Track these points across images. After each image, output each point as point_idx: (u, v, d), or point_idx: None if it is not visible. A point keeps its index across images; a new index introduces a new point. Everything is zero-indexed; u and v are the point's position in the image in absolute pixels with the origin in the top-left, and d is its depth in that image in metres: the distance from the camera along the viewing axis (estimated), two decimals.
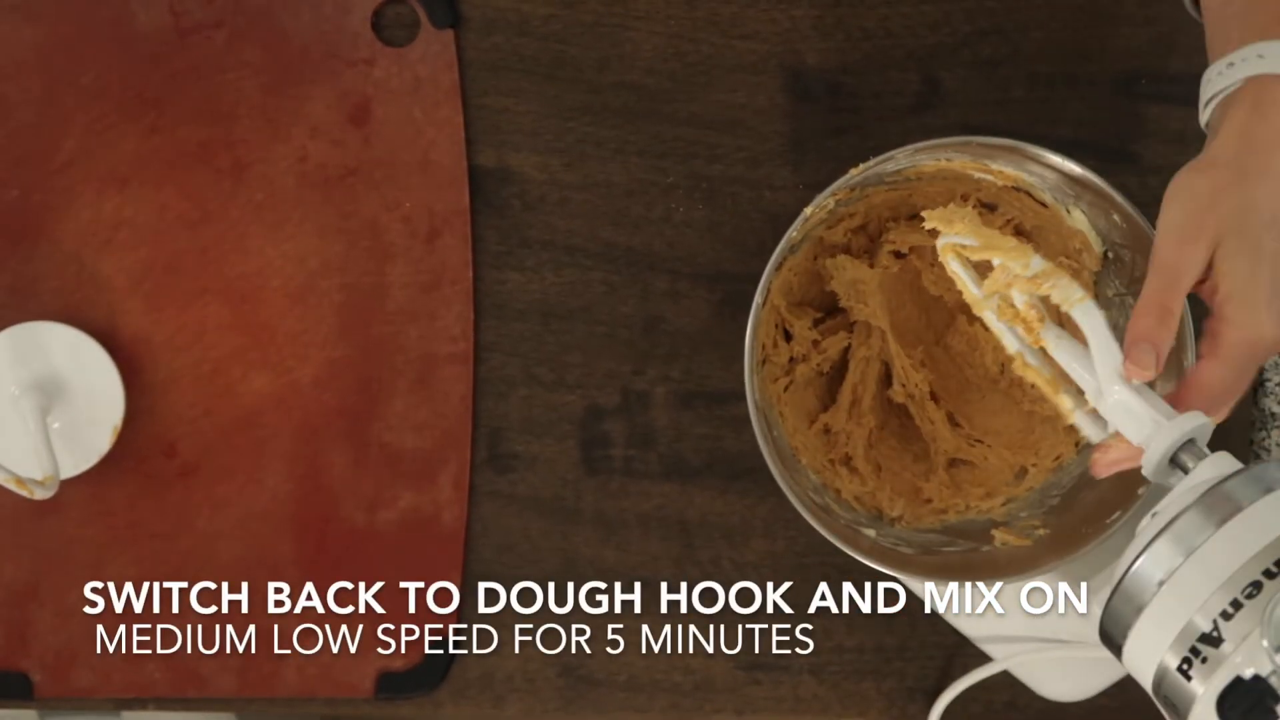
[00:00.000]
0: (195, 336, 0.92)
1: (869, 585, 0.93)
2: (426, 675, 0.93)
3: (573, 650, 0.93)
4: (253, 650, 0.92)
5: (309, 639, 0.92)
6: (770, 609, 0.93)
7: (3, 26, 0.92)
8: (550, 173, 0.93)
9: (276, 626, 0.92)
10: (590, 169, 0.93)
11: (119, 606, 0.92)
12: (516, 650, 0.93)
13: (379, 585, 0.92)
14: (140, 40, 0.92)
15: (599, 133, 0.93)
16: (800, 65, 0.93)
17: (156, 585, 0.92)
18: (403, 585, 0.92)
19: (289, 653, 0.92)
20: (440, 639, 0.92)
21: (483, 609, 0.93)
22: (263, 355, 0.93)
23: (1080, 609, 0.83)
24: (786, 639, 0.93)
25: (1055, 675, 0.91)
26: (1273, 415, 0.93)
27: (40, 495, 0.86)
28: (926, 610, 0.93)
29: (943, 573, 0.84)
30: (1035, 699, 0.93)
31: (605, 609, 0.93)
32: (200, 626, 0.92)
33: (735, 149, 0.93)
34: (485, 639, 0.93)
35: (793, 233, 0.80)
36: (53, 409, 0.90)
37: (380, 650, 0.92)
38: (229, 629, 0.92)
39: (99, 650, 0.92)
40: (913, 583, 0.91)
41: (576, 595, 0.93)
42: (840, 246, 0.89)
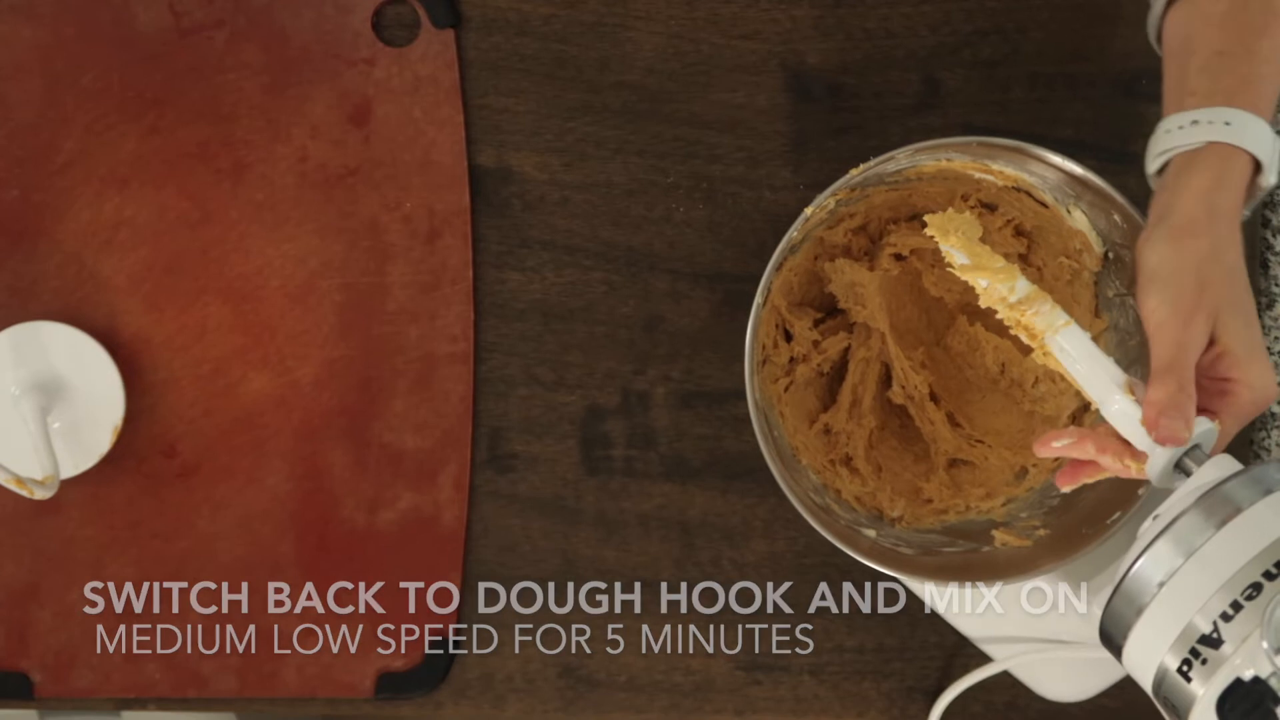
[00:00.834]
0: (195, 336, 0.92)
1: (869, 585, 0.93)
2: (426, 675, 0.93)
3: (573, 650, 0.93)
4: (253, 650, 0.92)
5: (309, 639, 0.92)
6: (770, 609, 0.93)
7: (3, 26, 0.92)
8: (550, 173, 0.93)
9: (276, 626, 0.92)
10: (590, 169, 0.93)
11: (119, 606, 0.92)
12: (516, 650, 0.93)
13: (379, 585, 0.92)
14: (140, 40, 0.92)
15: (599, 133, 0.93)
16: (801, 65, 0.93)
17: (156, 585, 0.92)
18: (403, 585, 0.92)
19: (289, 653, 0.92)
20: (440, 639, 0.92)
21: (483, 609, 0.93)
22: (263, 355, 0.93)
23: (1080, 609, 0.83)
24: (786, 639, 0.93)
25: (1055, 675, 0.91)
26: (1273, 415, 0.93)
27: (40, 495, 0.86)
28: (926, 610, 0.93)
29: (943, 573, 0.84)
30: (1035, 699, 0.93)
31: (605, 609, 0.93)
32: (200, 626, 0.92)
33: (735, 149, 0.93)
34: (485, 639, 0.93)
35: (793, 233, 0.80)
36: (53, 409, 0.90)
37: (380, 650, 0.92)
38: (229, 629, 0.92)
39: (99, 650, 0.92)
40: (913, 583, 0.91)
41: (576, 595, 0.93)
42: (841, 247, 0.89)
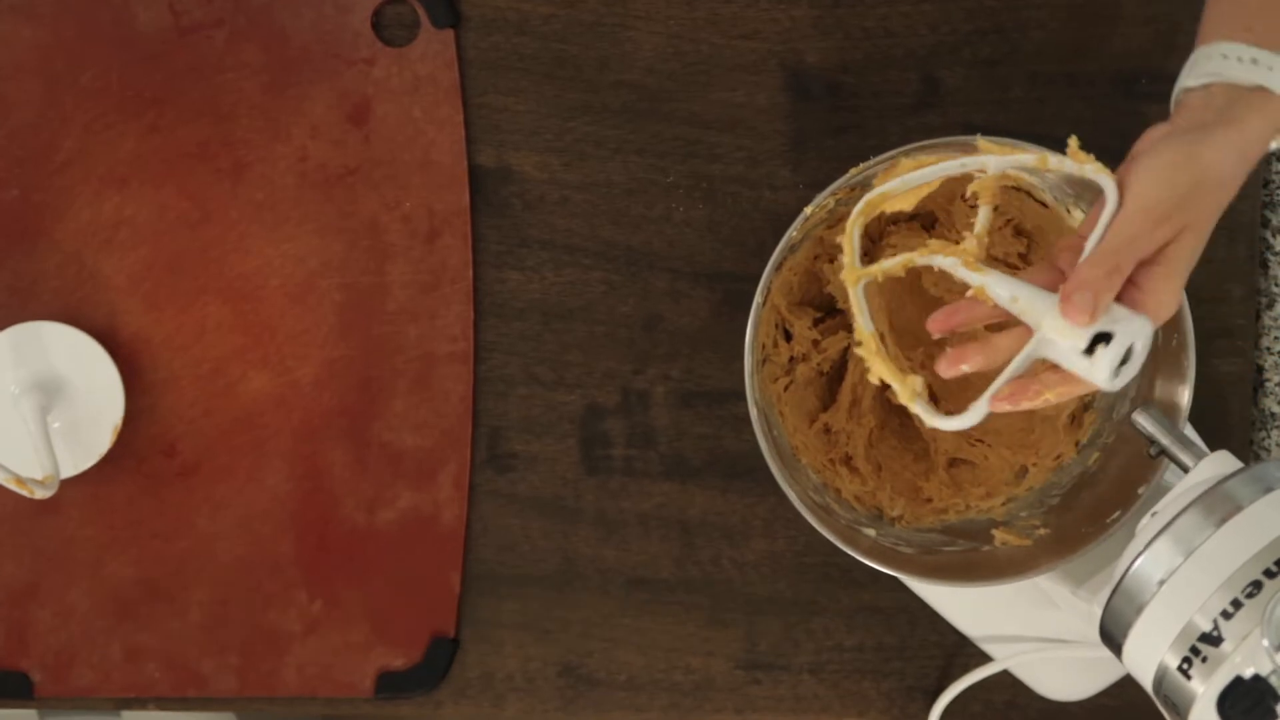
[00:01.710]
0: (195, 336, 0.92)
1: (869, 585, 0.93)
2: (426, 675, 0.93)
3: (572, 650, 0.93)
4: (253, 650, 0.92)
5: (309, 639, 0.92)
6: (770, 608, 0.93)
7: (3, 26, 0.92)
8: (550, 172, 0.93)
9: (276, 626, 0.92)
10: (590, 168, 0.93)
11: (119, 607, 0.92)
12: (516, 650, 0.93)
13: (379, 585, 0.92)
14: (140, 40, 0.92)
15: (599, 132, 0.93)
16: (800, 65, 0.93)
17: (156, 585, 0.92)
18: (402, 585, 0.92)
19: (289, 653, 0.92)
20: (440, 639, 0.92)
21: (483, 609, 0.93)
22: (263, 355, 0.93)
23: (1080, 608, 0.82)
24: (786, 638, 0.93)
25: (1055, 674, 0.91)
26: (1273, 415, 0.93)
27: (40, 495, 0.86)
28: (926, 610, 0.93)
29: (943, 572, 0.83)
30: (1035, 699, 0.93)
31: (605, 608, 0.93)
32: (200, 626, 0.92)
33: (735, 148, 0.93)
34: (485, 639, 0.93)
35: (793, 232, 0.80)
36: (53, 409, 0.90)
37: (380, 650, 0.92)
38: (229, 629, 0.92)
39: (99, 650, 0.92)
40: (913, 582, 0.91)
41: (576, 595, 0.93)
42: (841, 247, 0.88)
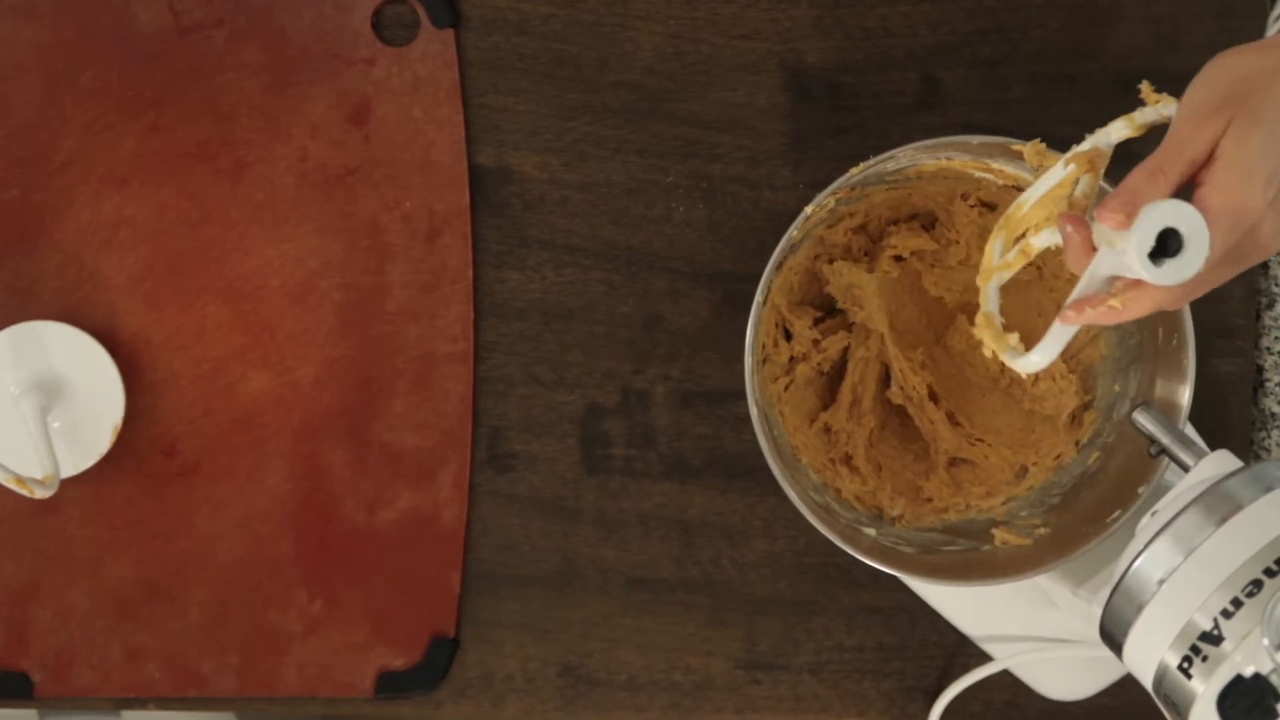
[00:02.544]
0: (195, 336, 0.92)
1: (869, 585, 0.93)
2: (426, 675, 0.93)
3: (572, 650, 0.93)
4: (253, 650, 0.92)
5: (308, 639, 0.92)
6: (770, 609, 0.93)
7: (3, 26, 0.92)
8: (550, 172, 0.93)
9: (276, 626, 0.92)
10: (590, 168, 0.93)
11: (119, 607, 0.92)
12: (516, 650, 0.93)
13: (379, 585, 0.92)
14: (140, 40, 0.92)
15: (599, 132, 0.93)
16: (800, 65, 0.93)
17: (156, 585, 0.92)
18: (402, 585, 0.92)
19: (289, 653, 0.92)
20: (440, 638, 0.92)
21: (483, 609, 0.93)
22: (263, 355, 0.93)
23: (1080, 609, 0.82)
24: (786, 638, 0.93)
25: (1055, 674, 0.91)
26: (1273, 415, 0.93)
27: (40, 494, 0.86)
28: (926, 610, 0.93)
29: (943, 572, 0.83)
30: (1035, 698, 0.93)
31: (605, 608, 0.93)
32: (200, 626, 0.92)
33: (735, 148, 0.93)
34: (485, 639, 0.93)
35: (793, 232, 0.80)
36: (53, 409, 0.90)
37: (380, 650, 0.92)
38: (229, 629, 0.92)
39: (99, 650, 0.92)
40: (913, 582, 0.91)
41: (576, 595, 0.93)
42: (841, 246, 0.89)
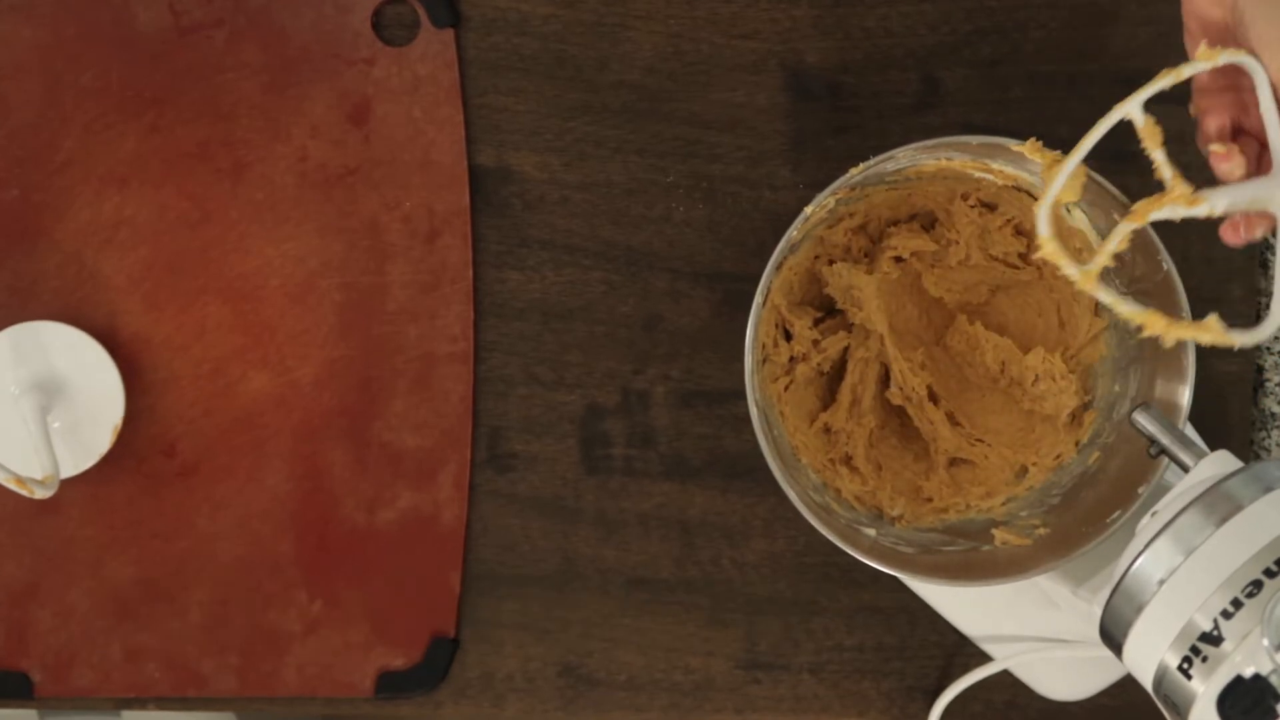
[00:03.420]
0: (195, 336, 0.92)
1: (869, 585, 0.93)
2: (426, 675, 0.93)
3: (572, 650, 0.93)
4: (253, 650, 0.92)
5: (308, 638, 0.92)
6: (770, 609, 0.93)
7: (3, 26, 0.92)
8: (550, 172, 0.93)
9: (276, 626, 0.92)
10: (590, 168, 0.93)
11: (119, 607, 0.92)
12: (516, 650, 0.93)
13: (379, 585, 0.92)
14: (140, 40, 0.92)
15: (599, 132, 0.93)
16: (800, 64, 0.93)
17: (156, 585, 0.92)
18: (402, 585, 0.92)
19: (289, 653, 0.92)
20: (440, 639, 0.92)
21: (483, 609, 0.93)
22: (263, 355, 0.93)
23: (1080, 609, 0.82)
24: (786, 638, 0.93)
25: (1055, 674, 0.91)
26: (1273, 415, 0.94)
27: (40, 495, 0.86)
28: (926, 610, 0.93)
29: (943, 572, 0.83)
30: (1035, 699, 0.93)
31: (605, 608, 0.93)
32: (200, 626, 0.92)
33: (735, 148, 0.93)
34: (485, 638, 0.93)
35: (793, 232, 0.80)
36: (53, 409, 0.90)
37: (380, 650, 0.92)
38: (229, 629, 0.92)
39: (99, 650, 0.92)
40: (913, 582, 0.91)
41: (576, 595, 0.93)
42: (841, 247, 0.89)
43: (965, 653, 0.93)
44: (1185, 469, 0.73)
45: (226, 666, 0.92)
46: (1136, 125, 0.72)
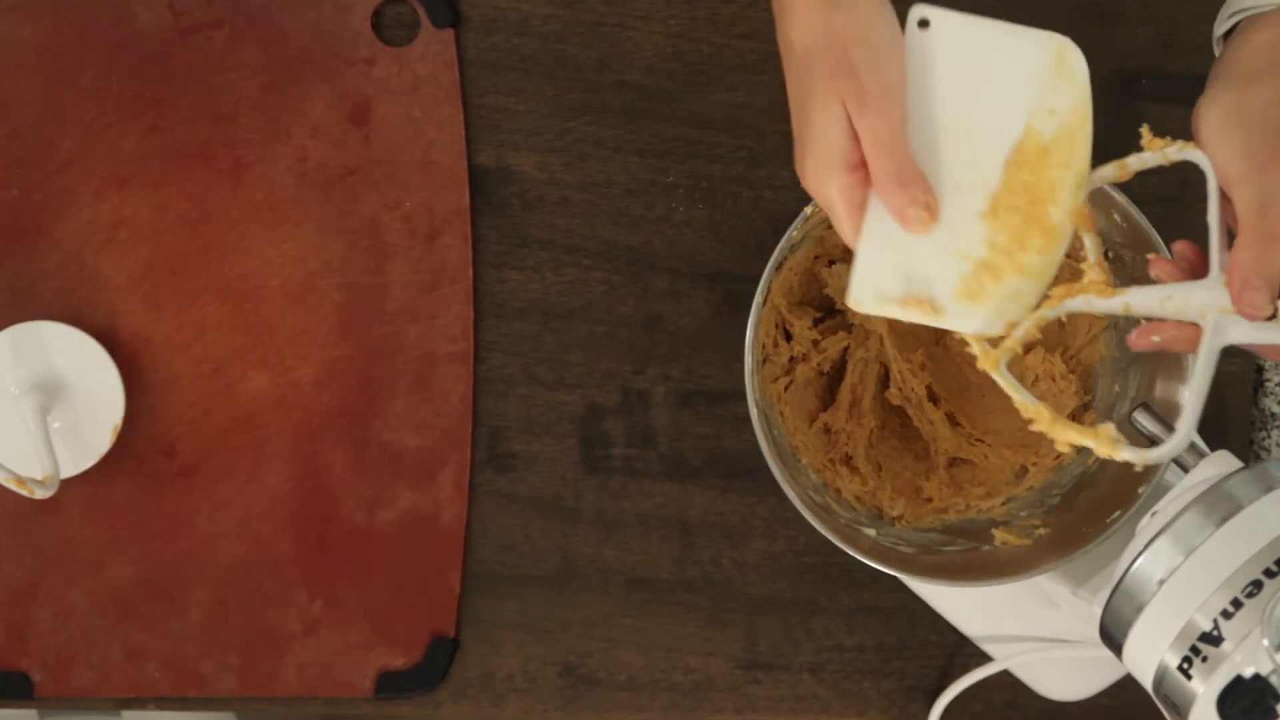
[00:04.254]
0: (195, 336, 0.92)
1: (869, 585, 0.93)
2: (426, 675, 0.93)
3: (572, 650, 0.93)
4: (253, 650, 0.92)
5: (309, 639, 0.92)
6: (770, 609, 0.93)
7: (3, 26, 0.92)
8: (550, 172, 0.93)
9: (276, 626, 0.92)
10: (590, 169, 0.93)
11: (119, 607, 0.92)
12: (516, 650, 0.93)
13: (379, 585, 0.92)
14: (140, 40, 0.92)
15: (599, 132, 0.93)
16: None
17: (156, 585, 0.92)
18: (402, 585, 0.92)
19: (289, 653, 0.92)
20: (440, 639, 0.92)
21: (483, 609, 0.93)
22: (263, 355, 0.93)
23: (1080, 609, 0.83)
24: (786, 638, 0.93)
25: (1055, 675, 0.91)
26: (1273, 415, 0.94)
27: (40, 495, 0.86)
28: (926, 610, 0.93)
29: (943, 572, 0.84)
30: (1035, 699, 0.93)
31: (605, 608, 0.93)
32: (200, 626, 0.92)
33: (735, 148, 0.93)
34: (485, 638, 0.93)
35: (793, 232, 0.80)
36: (53, 409, 0.90)
37: (380, 650, 0.92)
38: (229, 629, 0.92)
39: (99, 650, 0.92)
40: (913, 582, 0.91)
41: (576, 595, 0.93)
42: (841, 247, 0.89)
43: (965, 653, 0.93)
44: (1185, 469, 0.73)
45: (226, 666, 0.92)
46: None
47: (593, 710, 0.94)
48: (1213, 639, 0.62)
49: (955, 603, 0.92)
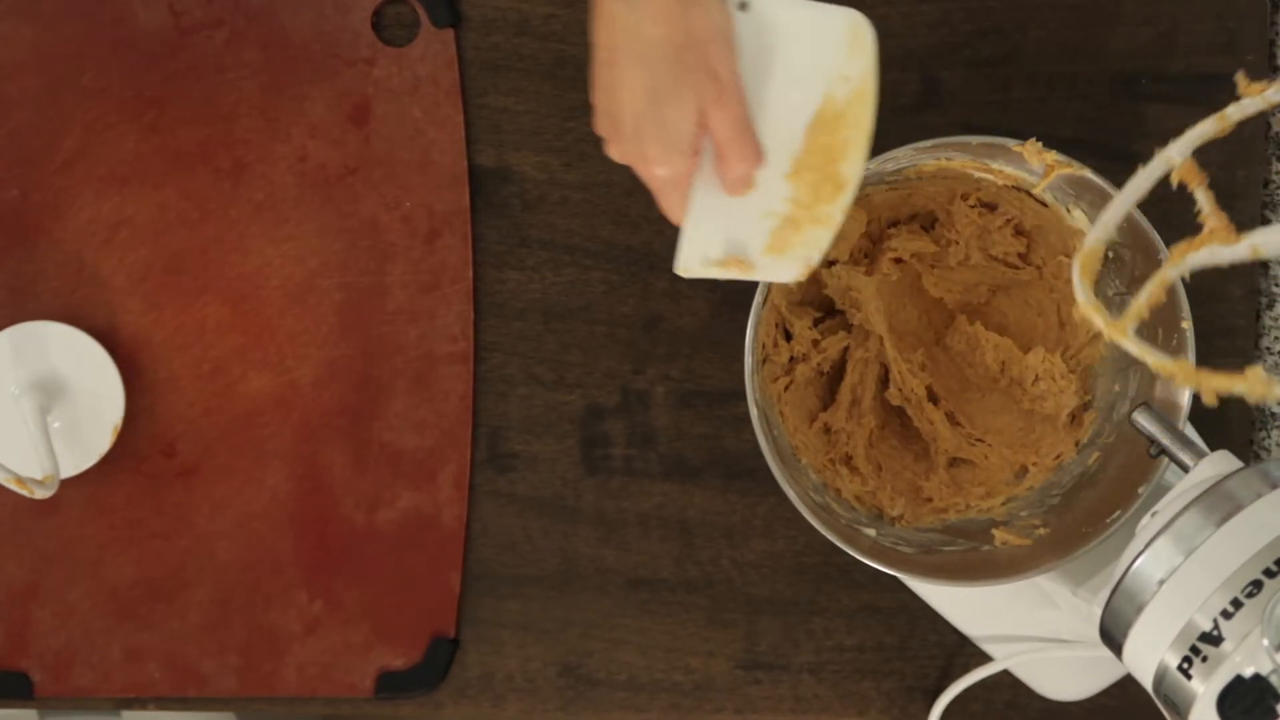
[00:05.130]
0: (195, 336, 0.92)
1: (869, 585, 0.93)
2: (426, 675, 0.93)
3: (572, 650, 0.93)
4: (253, 650, 0.92)
5: (309, 638, 0.92)
6: (770, 609, 0.93)
7: (3, 26, 0.92)
8: (550, 172, 0.93)
9: (276, 626, 0.92)
10: (590, 169, 0.93)
11: (119, 607, 0.92)
12: (516, 650, 0.93)
13: (379, 585, 0.92)
14: (140, 40, 0.92)
15: None
16: None
17: (155, 585, 0.92)
18: (403, 585, 0.92)
19: (289, 653, 0.92)
20: (440, 638, 0.92)
21: (483, 609, 0.93)
22: (262, 355, 0.93)
23: (1080, 609, 0.83)
24: (786, 638, 0.93)
25: (1055, 674, 0.91)
26: (1273, 415, 0.93)
27: (40, 495, 0.86)
28: (926, 610, 0.93)
29: (943, 572, 0.84)
30: (1035, 699, 0.93)
31: (605, 608, 0.93)
32: (200, 626, 0.92)
33: None
34: (485, 639, 0.93)
35: None
36: (53, 409, 0.90)
37: (380, 650, 0.92)
38: (229, 629, 0.92)
39: (99, 650, 0.92)
40: (913, 582, 0.91)
41: (576, 595, 0.93)
42: (840, 247, 0.88)
43: (965, 653, 0.93)
44: (1185, 469, 0.73)
45: (226, 666, 0.92)
46: (1175, 169, 0.66)
47: (593, 710, 0.94)
48: (1213, 639, 0.62)
49: (955, 603, 0.92)
